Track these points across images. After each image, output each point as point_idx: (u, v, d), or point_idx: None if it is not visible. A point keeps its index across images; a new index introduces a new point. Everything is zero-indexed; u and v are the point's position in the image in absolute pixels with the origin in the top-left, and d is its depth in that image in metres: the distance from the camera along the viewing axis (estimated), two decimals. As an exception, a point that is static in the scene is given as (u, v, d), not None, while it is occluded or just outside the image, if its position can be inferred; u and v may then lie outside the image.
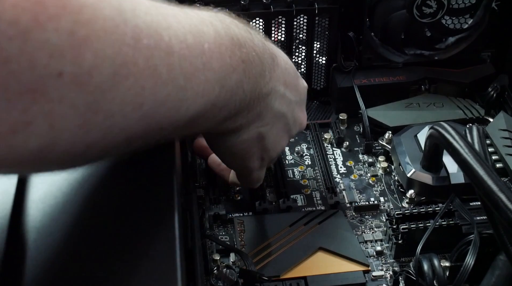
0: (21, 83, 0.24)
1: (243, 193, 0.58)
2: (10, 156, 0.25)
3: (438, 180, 0.54)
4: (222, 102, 0.36)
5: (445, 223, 0.50)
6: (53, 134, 0.26)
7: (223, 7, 0.60)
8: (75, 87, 0.25)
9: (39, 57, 0.24)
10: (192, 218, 0.44)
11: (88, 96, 0.26)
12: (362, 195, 0.58)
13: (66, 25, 0.25)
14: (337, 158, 0.62)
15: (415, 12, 0.61)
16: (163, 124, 0.32)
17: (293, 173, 0.60)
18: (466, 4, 0.62)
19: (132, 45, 0.28)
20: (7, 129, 0.24)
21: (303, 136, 0.64)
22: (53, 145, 0.26)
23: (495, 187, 0.40)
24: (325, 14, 0.63)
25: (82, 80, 0.26)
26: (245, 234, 0.52)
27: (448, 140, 0.45)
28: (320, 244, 0.51)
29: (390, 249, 0.53)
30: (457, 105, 0.64)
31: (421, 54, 0.65)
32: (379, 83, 0.65)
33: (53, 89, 0.25)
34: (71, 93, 0.25)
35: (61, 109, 0.26)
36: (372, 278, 0.50)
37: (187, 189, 0.45)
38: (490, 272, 0.46)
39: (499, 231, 0.43)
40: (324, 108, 0.68)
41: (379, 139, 0.61)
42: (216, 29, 0.35)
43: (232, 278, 0.48)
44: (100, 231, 0.33)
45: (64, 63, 0.25)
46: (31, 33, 0.24)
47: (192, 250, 0.41)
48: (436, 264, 0.47)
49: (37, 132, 0.25)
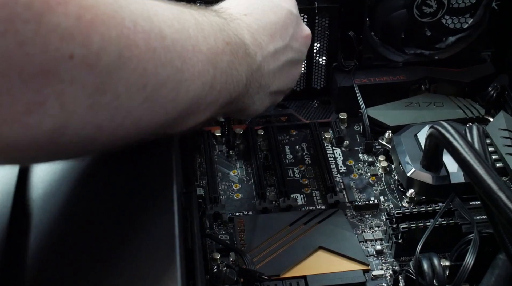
0: (35, 65, 0.25)
1: (243, 192, 0.58)
2: (25, 138, 0.27)
3: (438, 179, 0.54)
4: (219, 84, 0.38)
5: (445, 222, 0.50)
6: (65, 115, 0.27)
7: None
8: (85, 68, 0.27)
9: (52, 40, 0.25)
10: (192, 217, 0.43)
11: (96, 78, 0.28)
12: (362, 194, 0.58)
13: (73, 9, 0.26)
14: (337, 157, 0.62)
15: (415, 11, 0.61)
16: (167, 108, 0.34)
17: (293, 172, 0.60)
18: (466, 3, 0.62)
19: (131, 28, 0.29)
20: (23, 109, 0.26)
21: (303, 135, 0.64)
22: (65, 126, 0.28)
23: (495, 186, 0.40)
24: (325, 13, 0.63)
25: (91, 62, 0.27)
26: (245, 233, 0.52)
27: (448, 139, 0.45)
28: (320, 243, 0.51)
29: (390, 248, 0.53)
30: (457, 105, 0.64)
31: (421, 54, 0.65)
32: (379, 83, 0.65)
33: (65, 71, 0.26)
34: (81, 74, 0.27)
35: (72, 90, 0.27)
36: (372, 277, 0.50)
37: (187, 188, 0.45)
38: (490, 271, 0.46)
39: (499, 230, 0.43)
40: (324, 108, 0.68)
41: (379, 138, 0.61)
42: (195, 17, 0.37)
43: (232, 277, 0.48)
44: (100, 230, 0.33)
45: (75, 46, 0.26)
46: (44, 17, 0.25)
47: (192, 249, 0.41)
48: (436, 263, 0.47)
49: (50, 113, 0.27)
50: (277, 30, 0.47)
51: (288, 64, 0.49)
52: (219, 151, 0.62)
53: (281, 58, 0.47)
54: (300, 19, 0.51)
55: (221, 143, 0.63)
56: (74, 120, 0.28)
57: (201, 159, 0.60)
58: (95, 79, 0.28)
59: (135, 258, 0.31)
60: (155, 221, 0.33)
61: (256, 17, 0.46)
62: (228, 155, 0.62)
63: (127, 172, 0.36)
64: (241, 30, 0.43)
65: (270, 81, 0.47)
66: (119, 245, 0.32)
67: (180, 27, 0.34)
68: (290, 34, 0.48)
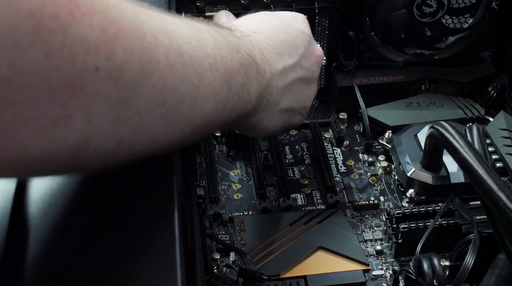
0: (62, 77, 0.25)
1: (243, 192, 0.58)
2: (49, 151, 0.26)
3: (438, 179, 0.54)
4: (231, 105, 0.38)
5: (445, 222, 0.50)
6: (89, 129, 0.27)
7: (223, 6, 0.60)
8: (109, 81, 0.27)
9: (78, 51, 0.25)
10: (192, 217, 0.43)
11: (120, 91, 0.28)
12: (362, 194, 0.58)
13: (98, 22, 0.26)
14: (337, 157, 0.62)
15: (415, 11, 0.61)
16: (182, 124, 0.34)
17: (293, 172, 0.60)
18: (466, 3, 0.62)
19: (152, 43, 0.29)
20: (49, 123, 0.25)
21: (303, 135, 0.64)
22: (89, 140, 0.28)
23: (495, 186, 0.40)
24: (325, 13, 0.63)
25: (116, 75, 0.27)
26: (245, 233, 0.52)
27: (448, 139, 0.45)
28: (320, 243, 0.51)
29: (390, 248, 0.53)
30: (457, 105, 0.64)
31: (421, 54, 0.65)
32: (379, 83, 0.65)
33: (91, 83, 0.26)
34: (106, 87, 0.27)
35: (97, 103, 0.27)
36: (372, 277, 0.50)
37: (187, 188, 0.45)
38: (490, 271, 0.46)
39: (499, 230, 0.43)
40: (324, 108, 0.68)
41: (379, 138, 0.61)
42: (213, 35, 0.37)
43: (232, 277, 0.48)
44: (100, 230, 0.33)
45: (100, 58, 0.26)
46: (69, 28, 0.25)
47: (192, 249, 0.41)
48: (436, 263, 0.47)
49: (75, 126, 0.26)
50: (286, 49, 0.47)
51: (297, 82, 0.48)
52: (219, 151, 0.62)
53: (289, 76, 0.47)
54: (312, 39, 0.51)
55: (221, 142, 0.63)
56: (97, 135, 0.28)
57: (201, 159, 0.60)
58: (119, 92, 0.28)
59: (135, 258, 0.31)
60: (155, 221, 0.33)
61: (265, 35, 0.46)
62: (228, 155, 0.62)
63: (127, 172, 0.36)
64: (253, 48, 0.43)
65: (279, 98, 0.47)
66: (119, 245, 0.32)
67: (198, 45, 0.34)
68: (300, 53, 0.48)
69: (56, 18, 0.24)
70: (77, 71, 0.25)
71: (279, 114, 0.48)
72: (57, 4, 0.24)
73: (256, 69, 0.42)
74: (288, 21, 0.49)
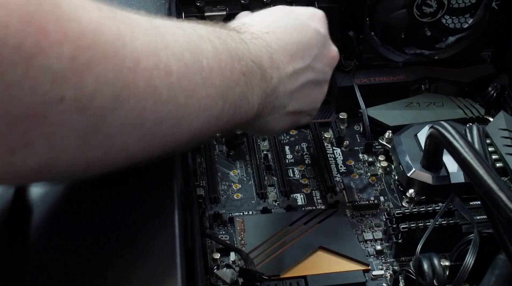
0: (22, 108, 0.24)
1: (243, 192, 0.58)
2: (8, 173, 0.26)
3: (438, 179, 0.54)
4: (227, 116, 0.37)
5: (445, 222, 0.50)
6: (53, 154, 0.26)
7: (223, 6, 0.60)
8: (76, 111, 0.26)
9: (41, 82, 0.24)
10: (192, 217, 0.43)
11: (88, 119, 0.27)
12: (362, 194, 0.58)
13: (68, 51, 0.25)
14: (337, 157, 0.62)
15: (415, 11, 0.61)
16: (166, 141, 0.33)
17: (293, 172, 0.60)
18: (466, 3, 0.62)
19: (132, 68, 0.28)
20: (5, 149, 0.24)
21: (303, 135, 0.64)
22: (53, 163, 0.27)
23: (495, 186, 0.40)
24: (325, 13, 0.63)
25: (83, 104, 0.26)
26: (245, 233, 0.52)
27: (448, 139, 0.45)
28: (320, 243, 0.51)
29: (390, 248, 0.53)
30: (457, 105, 0.64)
31: (421, 54, 0.65)
32: (379, 83, 0.65)
33: (54, 114, 0.25)
34: (71, 117, 0.26)
35: (62, 132, 0.26)
36: (372, 277, 0.50)
37: (187, 188, 0.45)
38: (490, 271, 0.46)
39: (499, 230, 0.43)
40: (324, 108, 0.68)
41: (379, 138, 0.61)
42: (214, 45, 0.36)
43: (232, 277, 0.48)
44: (100, 230, 0.33)
45: (66, 89, 0.25)
46: (34, 59, 0.24)
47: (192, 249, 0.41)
48: (436, 263, 0.47)
49: (36, 152, 0.25)
50: (298, 50, 0.45)
51: (308, 85, 0.47)
52: (219, 150, 0.62)
53: (300, 79, 0.46)
54: (327, 39, 0.49)
55: (221, 142, 0.63)
56: (62, 159, 0.27)
57: (201, 159, 0.60)
58: (87, 121, 0.27)
59: (135, 258, 0.31)
60: (155, 221, 0.33)
61: (277, 36, 0.44)
62: (228, 155, 0.62)
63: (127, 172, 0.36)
64: (260, 52, 0.41)
65: (286, 102, 0.45)
66: (119, 244, 0.32)
67: (192, 60, 0.33)
68: (314, 55, 0.47)
69: (18, 49, 0.23)
70: (39, 103, 0.24)
71: (287, 117, 0.47)
72: (22, 34, 0.23)
73: (260, 76, 0.41)
74: (303, 19, 0.47)
